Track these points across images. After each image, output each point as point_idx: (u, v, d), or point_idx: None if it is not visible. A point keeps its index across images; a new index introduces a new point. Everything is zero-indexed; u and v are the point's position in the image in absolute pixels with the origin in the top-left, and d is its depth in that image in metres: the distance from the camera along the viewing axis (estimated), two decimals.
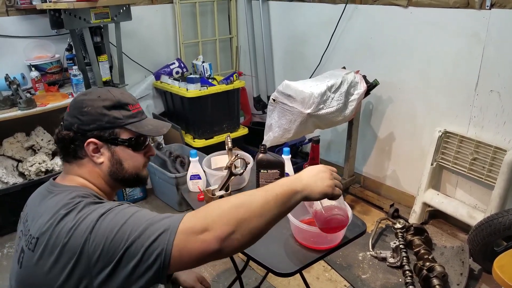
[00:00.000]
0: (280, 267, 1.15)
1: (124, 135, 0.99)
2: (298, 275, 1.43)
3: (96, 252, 0.78)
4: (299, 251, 1.22)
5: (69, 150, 0.97)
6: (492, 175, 2.14)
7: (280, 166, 1.49)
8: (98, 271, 0.78)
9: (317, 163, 1.46)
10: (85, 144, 0.95)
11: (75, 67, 2.57)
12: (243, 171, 1.46)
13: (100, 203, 0.88)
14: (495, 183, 2.11)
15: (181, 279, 1.39)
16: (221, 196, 1.46)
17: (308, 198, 0.90)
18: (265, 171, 1.49)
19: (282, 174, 1.49)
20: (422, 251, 2.11)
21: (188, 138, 3.14)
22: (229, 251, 0.79)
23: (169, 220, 0.80)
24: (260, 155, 1.48)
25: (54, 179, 1.01)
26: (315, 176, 0.92)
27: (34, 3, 2.58)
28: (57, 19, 2.53)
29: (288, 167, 1.56)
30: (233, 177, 1.45)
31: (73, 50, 2.72)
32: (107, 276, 0.78)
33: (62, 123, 0.99)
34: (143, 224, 0.79)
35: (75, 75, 2.54)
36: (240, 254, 1.12)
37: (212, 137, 3.14)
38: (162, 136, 3.24)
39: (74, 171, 0.99)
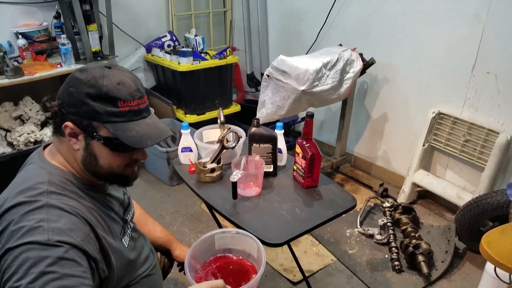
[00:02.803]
0: (270, 237, 1.15)
1: (103, 132, 0.87)
2: (286, 248, 1.45)
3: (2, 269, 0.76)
4: (289, 224, 1.22)
5: (52, 122, 0.92)
6: (483, 157, 2.16)
7: (273, 140, 1.47)
8: None
9: (310, 139, 1.45)
10: (63, 125, 0.87)
11: (63, 36, 2.49)
12: (235, 145, 1.45)
13: (60, 208, 0.82)
14: (485, 165, 2.13)
15: (175, 254, 1.38)
16: (213, 169, 1.44)
17: None
18: (257, 145, 1.47)
19: (275, 148, 1.48)
20: (409, 229, 2.13)
21: (180, 114, 3.10)
22: None
23: None
24: (253, 129, 1.46)
25: (45, 147, 0.98)
26: None
27: None
28: None
29: (281, 142, 1.55)
30: (224, 150, 1.43)
31: (61, 18, 2.64)
32: None
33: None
34: None
35: (63, 44, 2.47)
36: (229, 225, 1.11)
37: (204, 113, 3.10)
38: (153, 111, 3.20)
39: (56, 145, 0.94)
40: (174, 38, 3.22)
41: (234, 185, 1.30)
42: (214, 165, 1.45)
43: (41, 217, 0.78)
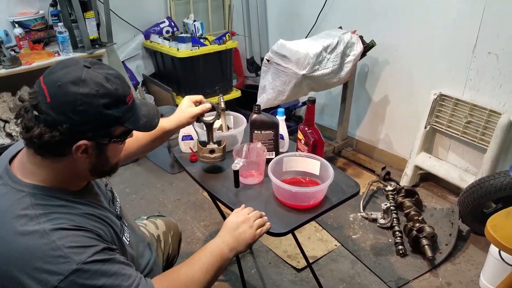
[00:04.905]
0: (274, 227, 1.14)
1: (118, 131, 0.85)
2: (290, 235, 1.43)
3: None
4: (292, 212, 1.22)
5: (48, 149, 0.80)
6: (485, 138, 2.14)
7: (275, 127, 1.45)
8: None
9: (311, 125, 1.43)
10: (74, 147, 0.79)
11: (60, 24, 2.45)
12: (213, 119, 1.38)
13: (60, 229, 0.77)
14: (487, 146, 2.11)
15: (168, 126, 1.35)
16: (212, 150, 1.39)
17: (239, 252, 1.04)
18: (259, 132, 1.45)
19: (277, 135, 1.46)
20: (412, 213, 2.14)
21: (180, 101, 3.08)
22: None
23: None
24: (254, 116, 1.45)
25: (13, 157, 0.89)
26: (236, 231, 1.02)
27: None
28: None
29: (282, 128, 1.53)
30: (215, 127, 1.40)
31: (58, 6, 2.59)
32: None
33: (35, 113, 0.77)
34: None
35: (60, 32, 2.43)
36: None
37: None
38: (153, 98, 3.18)
39: (43, 166, 0.83)
40: (173, 24, 3.17)
41: (236, 173, 1.29)
42: (213, 145, 1.41)
43: (52, 246, 0.75)
